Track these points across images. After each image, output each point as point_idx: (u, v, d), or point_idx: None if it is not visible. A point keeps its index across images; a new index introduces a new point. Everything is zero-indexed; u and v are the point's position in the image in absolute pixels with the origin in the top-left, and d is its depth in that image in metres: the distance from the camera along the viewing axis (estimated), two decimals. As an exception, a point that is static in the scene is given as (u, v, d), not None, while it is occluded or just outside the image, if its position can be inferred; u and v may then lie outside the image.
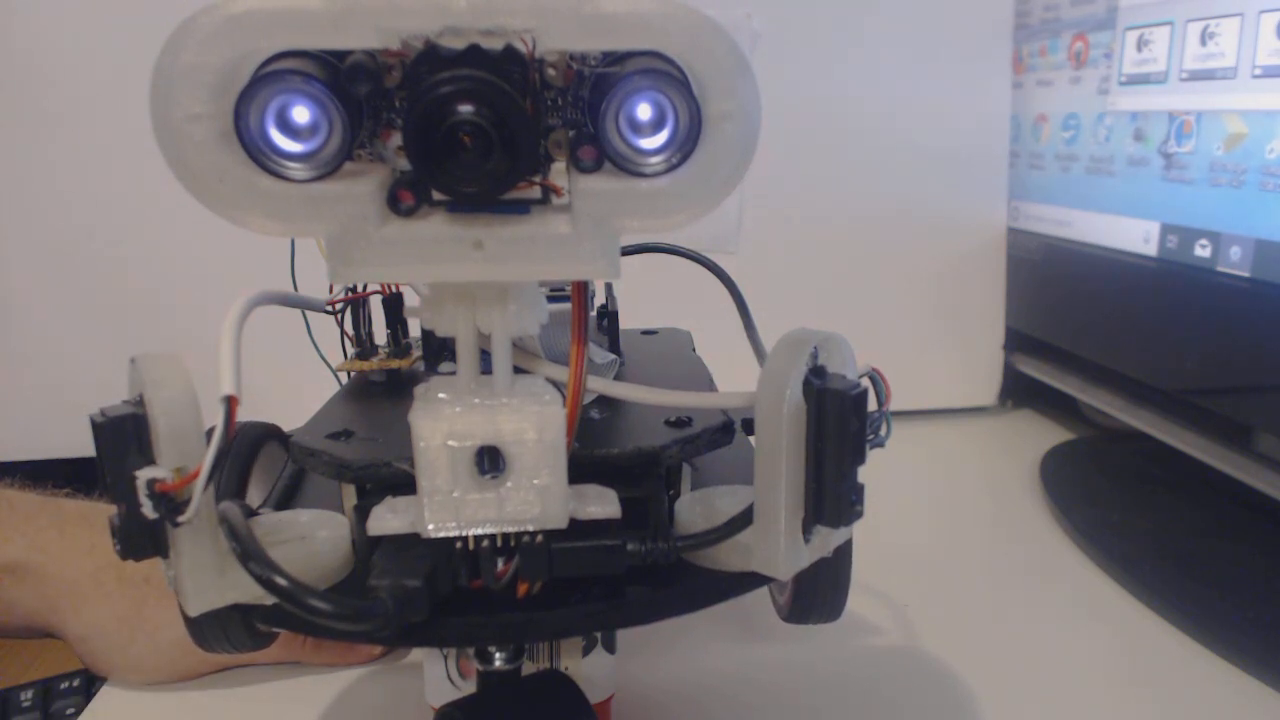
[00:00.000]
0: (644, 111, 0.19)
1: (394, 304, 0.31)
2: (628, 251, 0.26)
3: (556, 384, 0.23)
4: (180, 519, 0.20)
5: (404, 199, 0.19)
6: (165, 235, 0.58)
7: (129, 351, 0.22)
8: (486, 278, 0.20)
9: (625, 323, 0.33)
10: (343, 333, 0.31)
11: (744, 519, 0.23)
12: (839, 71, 0.65)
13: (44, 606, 0.39)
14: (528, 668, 0.28)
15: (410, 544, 0.22)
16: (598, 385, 0.24)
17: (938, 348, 0.69)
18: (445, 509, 0.21)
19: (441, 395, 0.22)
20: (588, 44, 0.19)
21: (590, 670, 0.30)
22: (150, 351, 0.21)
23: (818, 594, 0.28)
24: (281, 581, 0.20)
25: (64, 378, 0.58)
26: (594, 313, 0.33)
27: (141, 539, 0.20)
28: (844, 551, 0.26)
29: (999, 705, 0.36)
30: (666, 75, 0.18)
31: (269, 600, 0.21)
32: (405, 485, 0.22)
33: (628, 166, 0.19)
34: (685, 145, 0.19)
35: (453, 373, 0.22)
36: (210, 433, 0.20)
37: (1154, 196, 0.53)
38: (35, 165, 0.58)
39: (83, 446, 0.22)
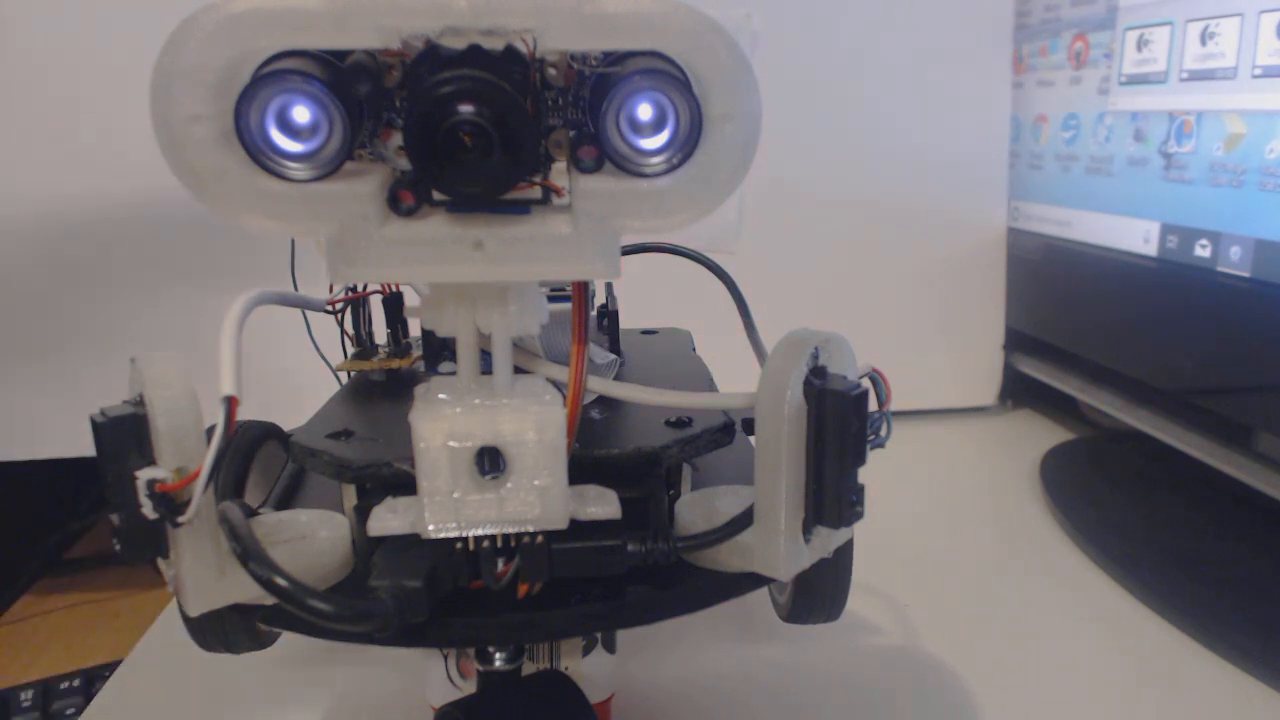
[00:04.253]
0: (645, 112, 0.19)
1: (394, 304, 0.31)
2: (628, 251, 0.26)
3: (557, 384, 0.23)
4: (180, 519, 0.20)
5: (404, 199, 0.19)
6: (165, 234, 0.58)
7: (129, 351, 0.22)
8: (486, 278, 0.20)
9: (625, 323, 0.33)
10: (343, 333, 0.31)
11: (744, 520, 0.23)
12: (839, 71, 0.65)
13: None
14: (528, 668, 0.28)
15: (410, 544, 0.22)
16: (598, 385, 0.24)
17: (938, 348, 0.69)
18: (445, 509, 0.21)
19: (442, 395, 0.22)
20: (588, 44, 0.19)
21: (590, 670, 0.30)
22: (150, 351, 0.21)
23: (818, 594, 0.28)
24: (281, 582, 0.20)
25: (64, 378, 0.58)
26: (594, 313, 0.33)
27: (142, 540, 0.20)
28: (844, 552, 0.26)
29: (999, 705, 0.36)
30: (667, 75, 0.18)
31: (269, 600, 0.21)
32: (405, 485, 0.22)
33: (628, 167, 0.19)
34: (686, 145, 0.19)
35: (453, 373, 0.22)
36: (210, 432, 0.20)
37: (1154, 196, 0.53)
38: (35, 163, 0.58)
39: (83, 446, 0.22)
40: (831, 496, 0.21)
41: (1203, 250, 0.49)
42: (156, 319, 0.60)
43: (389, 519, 0.22)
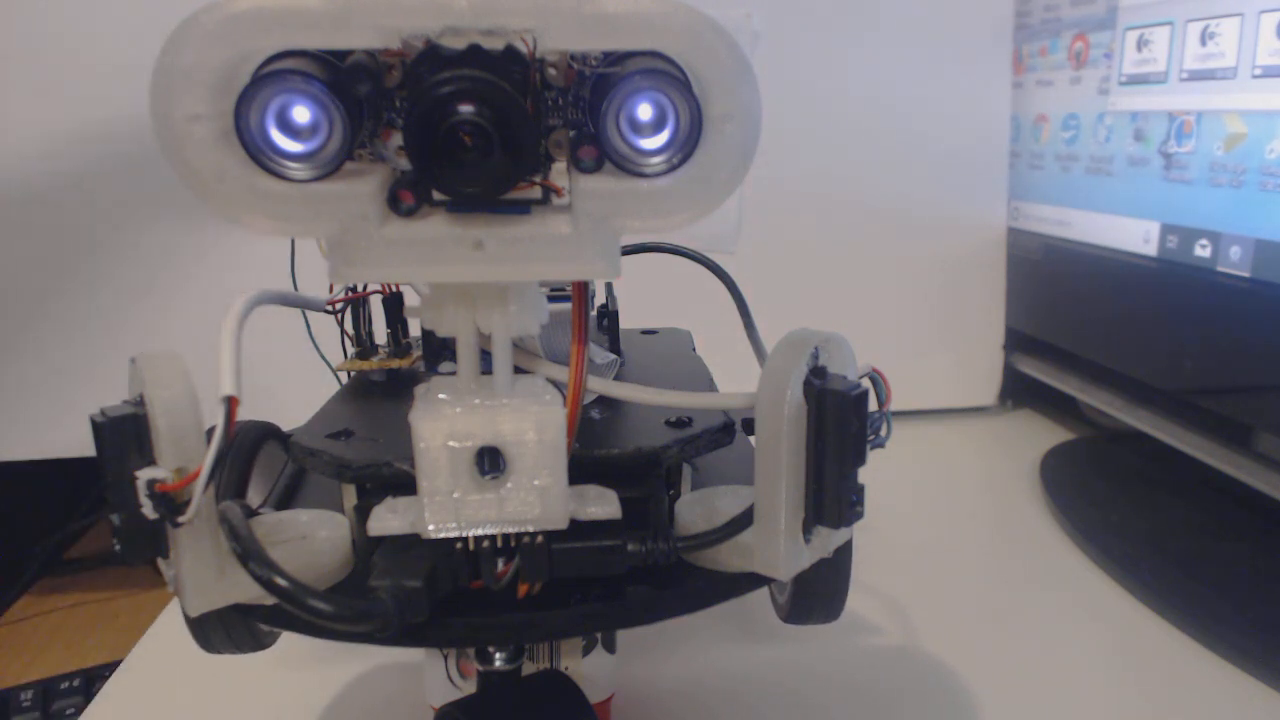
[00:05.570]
0: (645, 112, 0.19)
1: (394, 304, 0.31)
2: (628, 251, 0.26)
3: (556, 384, 0.23)
4: (180, 519, 0.20)
5: (404, 199, 0.19)
6: (165, 234, 0.58)
7: (129, 351, 0.22)
8: (486, 278, 0.20)
9: (625, 323, 0.33)
10: (343, 333, 0.31)
11: (744, 519, 0.23)
12: (839, 71, 0.65)
13: None
14: (528, 668, 0.28)
15: (410, 544, 0.22)
16: (598, 385, 0.24)
17: (938, 348, 0.69)
18: (445, 509, 0.21)
19: (442, 395, 0.22)
20: (588, 44, 0.19)
21: (590, 670, 0.30)
22: (150, 351, 0.21)
23: (818, 594, 0.28)
24: (282, 582, 0.20)
25: (64, 378, 0.58)
26: (594, 313, 0.33)
27: (142, 540, 0.20)
28: (844, 552, 0.26)
29: (999, 705, 0.36)
30: (667, 75, 0.18)
31: (269, 600, 0.21)
32: (405, 485, 0.22)
33: (628, 167, 0.19)
34: (686, 146, 0.19)
35: (453, 373, 0.22)
36: (210, 433, 0.20)
37: (1154, 196, 0.53)
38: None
39: (83, 446, 0.22)
40: (831, 496, 0.21)
41: (1203, 250, 0.49)
42: (158, 318, 0.60)
43: (389, 519, 0.22)
